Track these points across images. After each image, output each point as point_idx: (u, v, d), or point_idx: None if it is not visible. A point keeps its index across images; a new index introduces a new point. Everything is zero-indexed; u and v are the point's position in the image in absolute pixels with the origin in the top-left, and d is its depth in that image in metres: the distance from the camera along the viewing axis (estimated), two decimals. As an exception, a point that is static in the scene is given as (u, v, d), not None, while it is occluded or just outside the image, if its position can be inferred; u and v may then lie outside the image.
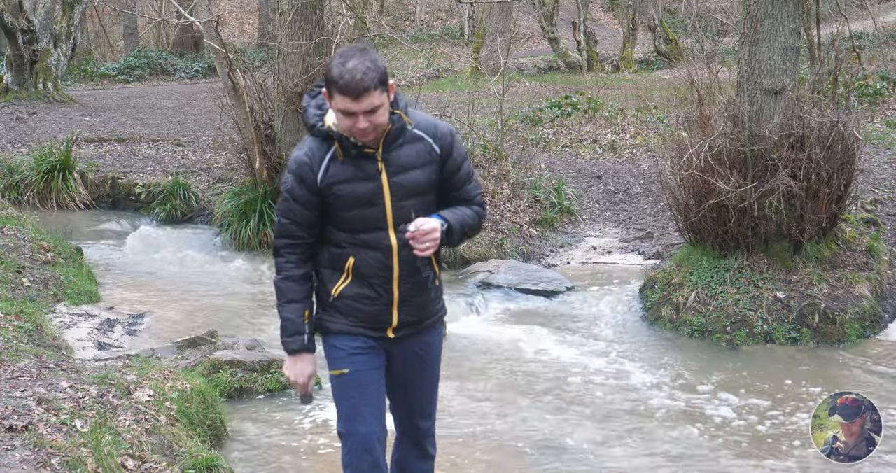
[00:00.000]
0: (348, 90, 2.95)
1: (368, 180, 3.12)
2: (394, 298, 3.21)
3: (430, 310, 3.33)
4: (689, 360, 6.70)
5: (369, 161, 3.13)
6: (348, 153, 3.12)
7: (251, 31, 30.11)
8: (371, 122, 3.01)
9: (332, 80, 2.98)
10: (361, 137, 3.06)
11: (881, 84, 13.64)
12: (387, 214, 3.14)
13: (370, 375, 3.28)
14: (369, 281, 3.19)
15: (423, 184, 3.18)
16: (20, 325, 5.71)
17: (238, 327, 7.20)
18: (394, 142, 3.14)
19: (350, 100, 2.96)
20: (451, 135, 3.25)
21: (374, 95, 2.97)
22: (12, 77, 17.04)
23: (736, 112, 7.36)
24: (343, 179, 3.12)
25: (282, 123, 9.97)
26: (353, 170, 3.13)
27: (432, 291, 3.29)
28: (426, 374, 3.39)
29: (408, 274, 3.20)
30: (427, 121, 3.25)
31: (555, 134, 13.91)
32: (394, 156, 3.14)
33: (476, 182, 3.33)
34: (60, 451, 3.64)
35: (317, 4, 9.70)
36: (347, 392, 3.29)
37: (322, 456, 5.02)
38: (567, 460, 5.01)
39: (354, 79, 2.94)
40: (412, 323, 3.28)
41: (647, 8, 24.26)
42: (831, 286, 7.27)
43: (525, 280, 8.40)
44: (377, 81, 2.97)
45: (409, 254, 3.15)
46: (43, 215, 10.34)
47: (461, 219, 3.21)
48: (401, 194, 3.14)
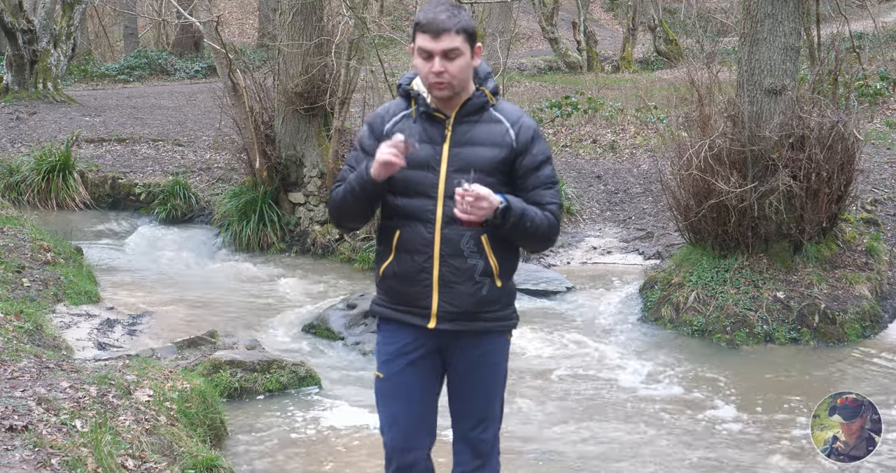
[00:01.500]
0: (429, 27, 2.94)
1: (431, 143, 3.04)
2: (433, 278, 3.03)
3: (483, 309, 3.09)
4: (689, 360, 6.70)
5: (438, 125, 3.06)
6: (420, 113, 3.07)
7: (251, 31, 30.09)
8: (448, 71, 2.96)
9: (417, 22, 2.99)
10: (437, 90, 2.99)
11: (881, 84, 13.63)
12: (439, 182, 3.02)
13: (404, 383, 3.14)
14: (412, 257, 3.04)
15: (487, 162, 3.03)
16: (20, 325, 5.71)
17: (238, 327, 7.20)
18: (469, 116, 3.06)
19: (429, 38, 2.94)
20: (535, 130, 3.11)
21: (455, 39, 2.94)
22: (12, 77, 17.03)
23: (736, 112, 7.36)
24: (408, 135, 3.01)
25: (282, 123, 9.98)
26: (419, 130, 3.06)
27: (484, 287, 3.06)
28: (482, 381, 3.17)
29: (449, 255, 3.02)
30: (514, 109, 3.16)
31: (555, 134, 13.91)
32: (464, 129, 3.06)
33: (556, 192, 3.13)
34: (60, 451, 3.64)
35: (317, 4, 9.71)
36: (382, 396, 3.21)
37: (322, 456, 5.02)
38: (566, 459, 5.01)
39: (438, 18, 2.94)
40: (457, 316, 3.06)
41: (647, 8, 24.26)
42: (831, 286, 7.27)
43: (525, 280, 8.40)
44: (460, 27, 2.96)
45: (453, 232, 3.01)
46: (43, 215, 10.34)
47: (527, 211, 3.01)
48: (459, 165, 3.02)
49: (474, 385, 3.18)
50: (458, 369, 3.17)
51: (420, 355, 3.14)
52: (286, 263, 9.40)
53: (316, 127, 10.02)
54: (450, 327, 3.08)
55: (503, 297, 3.14)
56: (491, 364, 3.18)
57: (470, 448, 3.22)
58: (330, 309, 7.29)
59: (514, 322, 3.23)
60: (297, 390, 5.92)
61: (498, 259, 3.08)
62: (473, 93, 3.06)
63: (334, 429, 5.35)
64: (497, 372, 3.21)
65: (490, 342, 3.16)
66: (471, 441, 3.22)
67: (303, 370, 6.02)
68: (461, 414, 3.22)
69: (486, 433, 3.21)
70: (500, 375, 3.22)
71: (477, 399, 3.19)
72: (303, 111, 9.84)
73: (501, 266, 3.09)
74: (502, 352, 3.21)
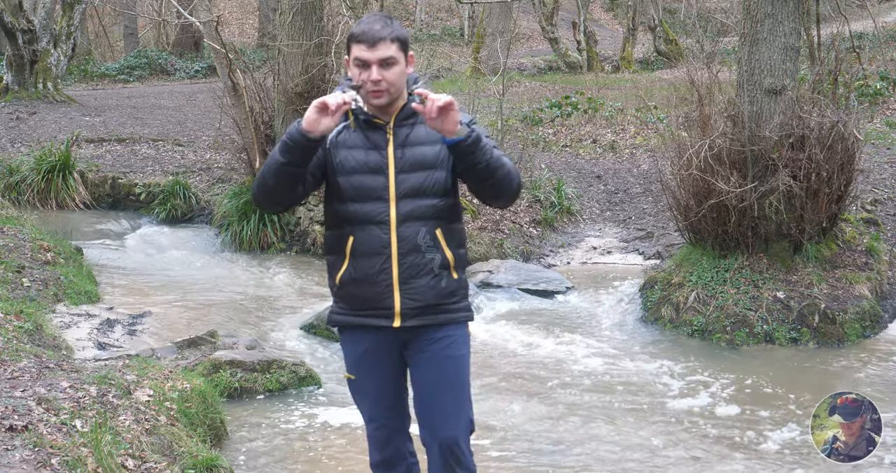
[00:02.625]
0: (364, 37, 3.02)
1: (375, 149, 3.12)
2: (393, 277, 3.12)
3: (443, 301, 3.18)
4: (688, 360, 6.70)
5: (379, 131, 3.14)
6: (359, 121, 3.14)
7: (251, 31, 30.10)
8: (385, 78, 3.03)
9: (352, 35, 3.06)
10: (374, 98, 3.06)
11: (881, 84, 13.64)
12: (389, 184, 3.10)
13: (376, 381, 3.29)
14: (369, 260, 3.12)
15: (432, 158, 3.13)
16: (20, 325, 5.70)
17: (238, 327, 7.20)
18: (406, 119, 3.15)
19: (365, 48, 3.02)
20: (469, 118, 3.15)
21: (389, 47, 3.03)
22: (12, 77, 17.03)
23: (736, 112, 7.36)
24: (351, 145, 3.14)
25: (282, 123, 9.98)
26: (362, 139, 3.14)
27: (442, 279, 3.16)
28: (448, 373, 3.24)
29: (407, 252, 3.11)
30: None
31: (555, 134, 13.91)
32: (404, 132, 3.14)
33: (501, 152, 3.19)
34: (60, 451, 3.64)
35: (317, 4, 9.71)
36: (358, 396, 3.37)
37: (322, 456, 5.02)
38: (565, 459, 5.01)
39: (372, 29, 3.03)
40: (420, 311, 3.15)
41: (647, 8, 24.26)
42: (831, 286, 7.27)
43: (525, 280, 8.40)
44: (394, 36, 3.05)
45: (408, 230, 3.10)
46: (43, 215, 10.33)
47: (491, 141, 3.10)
48: (406, 166, 3.12)
49: (441, 379, 3.24)
50: (424, 364, 3.24)
51: (386, 352, 3.25)
52: (286, 263, 9.40)
53: (316, 126, 10.01)
54: (414, 322, 3.17)
55: (460, 289, 3.24)
56: (457, 356, 3.25)
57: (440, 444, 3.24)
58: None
59: (471, 314, 3.33)
60: (297, 390, 5.92)
61: (452, 252, 3.19)
62: (408, 98, 3.12)
63: (334, 429, 5.35)
64: (463, 363, 3.28)
65: (453, 332, 3.23)
66: (443, 438, 3.23)
67: (303, 370, 6.02)
68: (430, 407, 3.25)
69: (456, 428, 3.24)
70: (465, 367, 3.30)
71: (446, 390, 3.24)
72: (303, 111, 9.79)
73: (456, 258, 3.20)
74: (465, 344, 3.29)
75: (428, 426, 3.27)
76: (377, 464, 3.40)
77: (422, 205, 3.12)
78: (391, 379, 3.30)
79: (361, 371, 3.29)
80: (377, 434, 3.34)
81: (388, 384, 3.30)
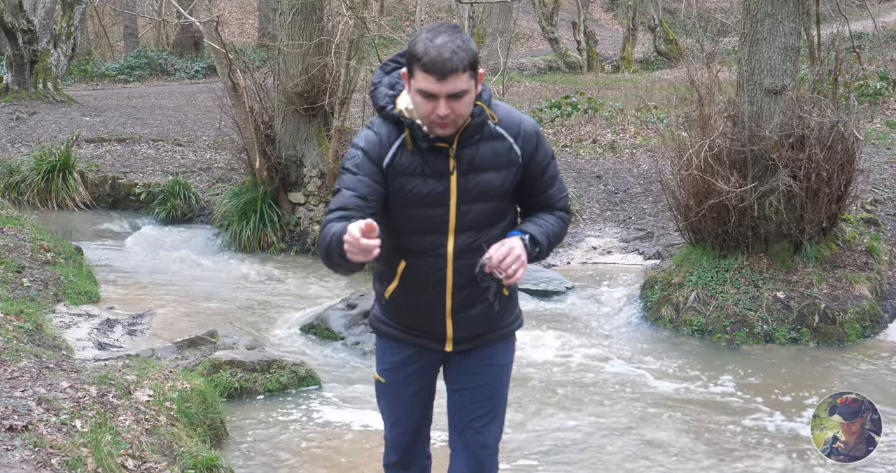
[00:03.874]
0: (434, 68, 2.60)
1: (436, 177, 2.79)
2: (446, 309, 2.93)
3: (495, 323, 3.04)
4: (688, 360, 6.70)
5: (441, 156, 2.79)
6: (418, 145, 2.78)
7: (251, 31, 30.10)
8: (453, 111, 2.67)
9: (415, 56, 2.64)
10: (440, 128, 2.71)
11: (881, 84, 13.64)
12: (449, 217, 2.82)
13: (410, 392, 3.13)
14: (421, 291, 2.91)
15: (497, 187, 2.85)
16: (20, 325, 5.71)
17: (238, 327, 7.20)
18: (471, 138, 2.80)
19: (434, 80, 2.62)
20: (537, 134, 2.91)
21: (461, 78, 2.63)
22: (12, 77, 17.04)
23: (736, 112, 7.36)
24: (409, 172, 2.79)
25: (282, 123, 9.98)
26: (421, 164, 2.79)
27: (496, 302, 2.95)
28: (488, 380, 3.09)
29: (463, 286, 2.89)
30: (511, 116, 2.89)
31: (555, 134, 13.91)
32: (468, 154, 2.80)
33: (562, 184, 2.99)
34: (60, 451, 3.63)
35: (317, 4, 9.71)
36: (383, 399, 3.21)
37: (322, 456, 5.02)
38: (565, 458, 5.01)
39: (442, 56, 2.60)
40: (473, 337, 3.02)
41: (647, 8, 24.26)
42: (831, 286, 7.27)
43: (525, 280, 8.39)
44: (467, 63, 2.64)
45: (466, 263, 2.85)
46: (43, 215, 10.35)
47: (545, 230, 2.88)
48: (469, 197, 2.82)
49: (480, 385, 3.11)
50: (465, 371, 3.10)
51: (427, 366, 3.12)
52: (286, 263, 9.40)
53: (316, 127, 10.02)
54: (465, 347, 3.05)
55: (510, 305, 3.09)
56: (500, 365, 3.13)
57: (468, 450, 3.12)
58: (330, 309, 7.29)
59: (521, 321, 3.18)
60: (297, 390, 5.92)
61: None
62: (472, 111, 2.78)
63: (334, 429, 5.35)
64: (504, 373, 3.16)
65: (496, 344, 3.11)
66: (472, 444, 3.11)
67: (303, 370, 6.02)
68: (463, 413, 3.12)
69: (486, 434, 3.11)
70: (506, 376, 3.17)
71: (482, 398, 3.11)
72: (303, 111, 9.84)
73: None
74: (510, 352, 3.17)
75: (460, 431, 3.13)
76: (393, 465, 3.29)
77: (481, 237, 2.88)
78: (426, 390, 3.16)
79: (396, 378, 3.12)
80: (400, 440, 3.20)
81: (422, 395, 3.15)
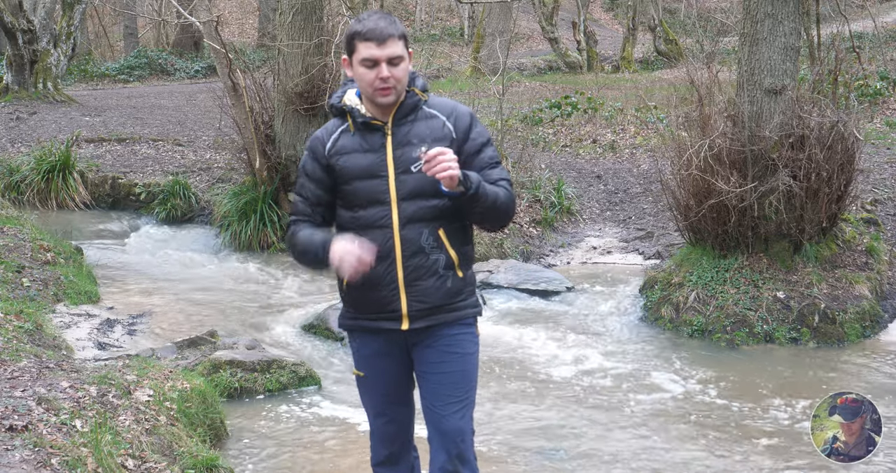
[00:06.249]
0: (373, 34, 2.98)
1: (373, 151, 3.10)
2: (398, 280, 3.10)
3: (450, 301, 3.16)
4: (688, 360, 6.70)
5: (377, 132, 3.11)
6: (358, 126, 3.12)
7: (251, 31, 30.10)
8: (393, 76, 3.00)
9: (356, 32, 3.02)
10: (382, 96, 3.03)
11: (881, 84, 13.65)
12: (389, 187, 3.07)
13: (385, 379, 3.29)
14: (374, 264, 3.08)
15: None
16: (20, 325, 5.71)
17: (238, 327, 7.20)
18: (405, 117, 3.11)
19: (374, 45, 2.99)
20: (471, 116, 3.17)
21: (398, 45, 3.01)
22: (12, 77, 17.04)
23: (736, 112, 7.36)
24: (350, 150, 3.11)
25: (282, 123, 9.98)
26: (359, 142, 3.12)
27: (448, 279, 3.14)
28: (454, 366, 3.20)
29: (412, 254, 3.09)
30: (446, 102, 3.21)
31: (555, 134, 13.91)
32: (403, 130, 3.10)
33: (503, 171, 3.19)
34: (60, 451, 3.64)
35: (317, 4, 9.71)
36: (364, 392, 3.36)
37: (322, 456, 5.02)
38: (565, 458, 5.01)
39: (379, 25, 3.00)
40: (427, 312, 3.14)
41: (647, 8, 24.26)
42: (831, 286, 7.27)
43: (525, 280, 8.40)
44: (401, 32, 3.03)
45: (412, 232, 3.07)
46: (43, 215, 10.34)
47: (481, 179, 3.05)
48: (405, 167, 3.07)
49: (448, 369, 3.20)
50: (430, 359, 3.21)
51: (396, 352, 3.25)
52: (286, 263, 9.40)
53: (316, 127, 9.99)
54: (422, 324, 3.16)
55: (466, 287, 3.22)
56: (463, 353, 3.22)
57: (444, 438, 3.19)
58: (330, 309, 7.28)
59: (479, 309, 3.30)
60: (296, 390, 5.92)
61: (456, 251, 3.16)
62: (405, 94, 3.10)
63: (334, 428, 5.35)
64: (470, 361, 3.25)
65: (460, 331, 3.21)
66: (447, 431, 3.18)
67: (303, 370, 6.02)
68: (434, 401, 3.20)
69: (460, 420, 3.20)
70: (472, 365, 3.26)
71: (451, 384, 3.21)
72: (303, 111, 9.84)
73: (461, 257, 3.18)
74: (473, 343, 3.26)
75: (433, 420, 3.23)
76: (382, 462, 3.37)
77: (424, 206, 3.08)
78: (400, 376, 3.30)
79: (370, 369, 3.29)
80: (387, 429, 3.33)
81: (397, 380, 3.30)
